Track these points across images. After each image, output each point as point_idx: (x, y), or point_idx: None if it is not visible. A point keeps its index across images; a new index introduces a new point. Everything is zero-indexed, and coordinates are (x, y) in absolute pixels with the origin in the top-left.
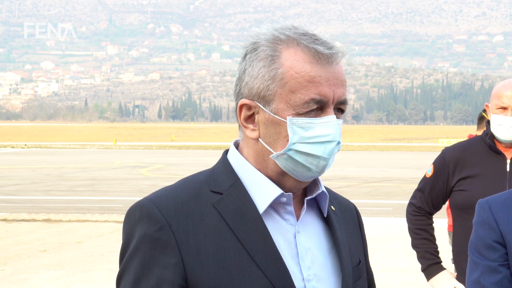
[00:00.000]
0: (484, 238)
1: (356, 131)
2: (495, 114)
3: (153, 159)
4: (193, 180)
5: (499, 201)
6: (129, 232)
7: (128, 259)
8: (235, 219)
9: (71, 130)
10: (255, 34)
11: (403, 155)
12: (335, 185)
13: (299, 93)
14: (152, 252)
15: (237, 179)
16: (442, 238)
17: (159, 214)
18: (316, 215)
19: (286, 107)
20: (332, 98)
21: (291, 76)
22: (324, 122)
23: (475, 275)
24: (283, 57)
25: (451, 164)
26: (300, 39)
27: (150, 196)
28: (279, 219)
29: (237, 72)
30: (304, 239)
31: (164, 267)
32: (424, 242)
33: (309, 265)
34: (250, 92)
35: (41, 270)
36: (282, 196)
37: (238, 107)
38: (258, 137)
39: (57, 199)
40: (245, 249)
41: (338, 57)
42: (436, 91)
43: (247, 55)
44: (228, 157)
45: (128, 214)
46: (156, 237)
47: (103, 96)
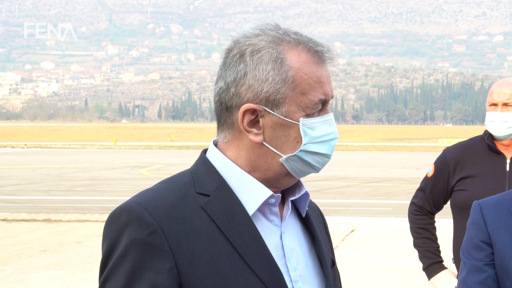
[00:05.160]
0: (473, 238)
1: (356, 131)
2: (488, 112)
3: (153, 159)
4: (176, 182)
5: (491, 202)
6: (114, 237)
7: (115, 265)
8: (225, 222)
9: (71, 130)
10: (245, 35)
11: (403, 155)
12: (335, 185)
13: (309, 95)
14: (143, 257)
15: (223, 181)
16: (443, 238)
17: (149, 217)
18: (294, 216)
19: (297, 110)
20: (331, 96)
21: (301, 78)
22: (326, 120)
23: (462, 275)
24: (289, 59)
25: (451, 163)
26: (299, 39)
27: (135, 199)
28: (265, 220)
29: (232, 74)
30: (288, 240)
31: (158, 272)
32: (426, 241)
33: (295, 266)
34: (256, 96)
35: (41, 270)
36: (272, 198)
37: (241, 112)
38: (263, 141)
39: (57, 199)
40: (238, 252)
41: (331, 55)
42: (436, 91)
43: (246, 57)
44: (208, 157)
45: (112, 218)
46: (148, 242)
47: (103, 96)
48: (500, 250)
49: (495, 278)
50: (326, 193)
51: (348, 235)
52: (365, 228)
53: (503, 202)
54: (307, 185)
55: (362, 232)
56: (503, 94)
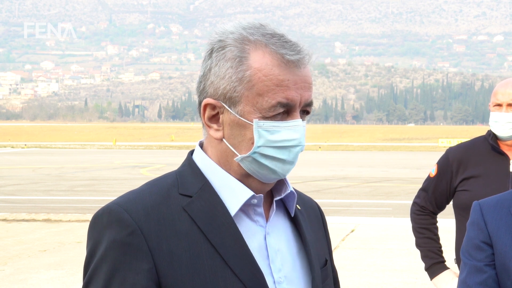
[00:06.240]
0: (473, 239)
1: (356, 131)
2: (492, 112)
3: (153, 159)
4: (160, 183)
5: (491, 203)
6: (96, 238)
7: (96, 266)
8: (206, 223)
9: (71, 130)
10: (221, 31)
11: (403, 155)
12: (335, 185)
13: (266, 97)
14: (123, 258)
15: (206, 181)
16: (445, 238)
17: (129, 218)
18: (284, 215)
19: (252, 110)
20: (299, 101)
21: (259, 79)
22: (290, 126)
23: (462, 276)
24: (251, 59)
25: (454, 164)
26: (268, 41)
27: (117, 200)
28: (249, 221)
29: (202, 68)
30: (273, 241)
31: (137, 272)
32: (428, 241)
33: (279, 267)
34: (216, 92)
35: (41, 270)
36: (253, 198)
37: (202, 106)
38: (222, 137)
39: (57, 199)
40: (219, 253)
41: (306, 60)
42: (436, 91)
43: (213, 53)
44: (194, 158)
45: (95, 219)
46: (126, 242)
47: (103, 96)
48: (500, 251)
49: (496, 278)
50: (326, 193)
51: (348, 235)
52: (365, 228)
53: (503, 202)
54: (306, 185)
55: (362, 232)
56: (507, 94)
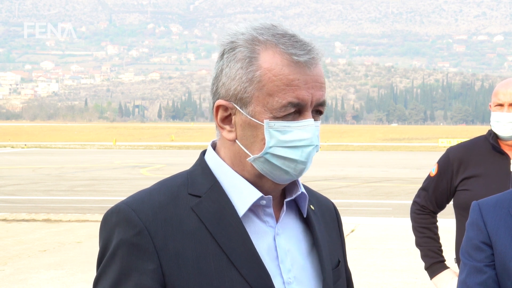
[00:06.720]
0: (472, 239)
1: (356, 131)
2: (493, 112)
3: (153, 159)
4: (170, 183)
5: (491, 203)
6: (106, 237)
7: (105, 265)
8: (214, 223)
9: (71, 130)
10: (233, 33)
11: (403, 155)
12: (335, 185)
13: (276, 97)
14: (129, 258)
15: (216, 182)
16: (445, 238)
17: (136, 218)
18: (296, 216)
19: (263, 110)
20: (311, 101)
21: (269, 79)
22: (301, 125)
23: (462, 276)
24: (261, 59)
25: (455, 163)
26: (279, 41)
27: (126, 200)
28: (258, 221)
29: (214, 70)
30: (283, 241)
31: (142, 273)
32: (428, 241)
33: (289, 268)
34: (227, 93)
35: (41, 270)
36: (262, 199)
37: (215, 108)
38: (235, 138)
39: (57, 199)
40: (225, 254)
41: (317, 60)
42: (436, 91)
43: (224, 54)
44: (205, 158)
45: (105, 219)
46: (133, 242)
47: (103, 96)
48: (500, 251)
49: (496, 279)
50: (326, 193)
51: (348, 235)
52: (365, 228)
53: (502, 203)
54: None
55: (362, 232)
56: (509, 94)
